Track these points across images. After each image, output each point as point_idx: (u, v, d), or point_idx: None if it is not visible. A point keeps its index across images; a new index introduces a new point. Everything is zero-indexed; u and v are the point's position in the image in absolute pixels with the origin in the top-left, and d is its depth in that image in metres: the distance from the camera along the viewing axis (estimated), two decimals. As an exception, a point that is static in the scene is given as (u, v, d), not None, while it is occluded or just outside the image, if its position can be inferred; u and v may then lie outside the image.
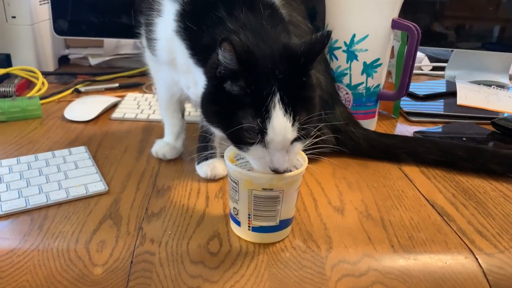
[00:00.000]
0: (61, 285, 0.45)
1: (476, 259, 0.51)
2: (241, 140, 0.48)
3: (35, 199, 0.57)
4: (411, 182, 0.69)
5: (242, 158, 0.55)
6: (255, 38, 0.49)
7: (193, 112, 0.87)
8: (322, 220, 0.57)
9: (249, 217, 0.51)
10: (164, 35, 0.60)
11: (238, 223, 0.52)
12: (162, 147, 0.71)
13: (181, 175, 0.67)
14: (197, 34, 0.54)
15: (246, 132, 0.46)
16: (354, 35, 0.77)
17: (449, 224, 0.58)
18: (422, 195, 0.65)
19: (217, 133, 0.52)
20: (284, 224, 0.52)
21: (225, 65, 0.46)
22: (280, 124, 0.46)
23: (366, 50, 0.77)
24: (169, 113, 0.72)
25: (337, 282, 0.48)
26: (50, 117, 0.87)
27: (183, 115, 0.73)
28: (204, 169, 0.66)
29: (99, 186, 0.61)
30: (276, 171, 0.48)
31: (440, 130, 0.90)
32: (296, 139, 0.48)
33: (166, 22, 0.58)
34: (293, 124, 0.46)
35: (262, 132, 0.46)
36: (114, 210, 0.57)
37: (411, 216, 0.59)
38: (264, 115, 0.45)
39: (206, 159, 0.67)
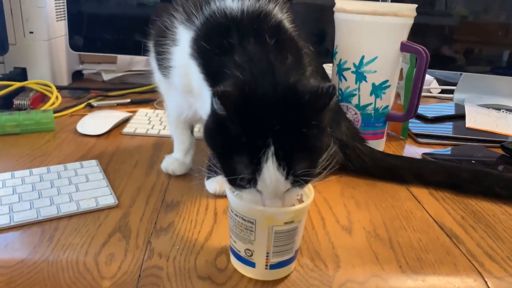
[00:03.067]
0: (69, 296, 0.46)
1: (486, 282, 0.51)
2: (235, 182, 0.46)
3: (46, 211, 0.57)
4: (419, 203, 0.69)
5: None
6: (259, 75, 0.46)
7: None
8: (330, 239, 0.57)
9: (267, 256, 0.48)
10: (180, 62, 0.60)
11: (251, 264, 0.48)
12: (172, 163, 0.72)
13: (190, 191, 0.67)
14: (209, 56, 0.53)
15: (239, 179, 0.45)
16: (363, 57, 0.78)
17: (458, 246, 0.57)
18: (431, 216, 0.65)
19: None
20: (296, 253, 0.50)
21: (220, 112, 0.44)
22: (272, 177, 0.44)
23: (375, 71, 0.79)
24: (179, 130, 0.73)
25: (345, 301, 0.48)
26: (63, 131, 0.89)
27: (192, 131, 0.74)
28: (213, 185, 0.66)
29: (109, 199, 0.62)
30: None
31: (449, 152, 0.90)
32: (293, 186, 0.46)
33: (182, 50, 0.58)
34: (286, 178, 0.44)
35: (252, 182, 0.45)
36: (123, 223, 0.58)
37: (419, 237, 0.59)
38: (255, 167, 0.44)
39: (216, 174, 0.67)
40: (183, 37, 0.59)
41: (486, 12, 1.18)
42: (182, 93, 0.64)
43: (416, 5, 0.79)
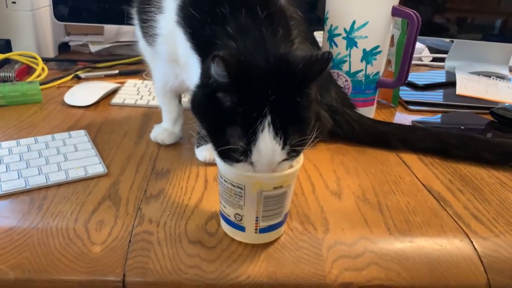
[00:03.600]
0: (60, 262, 0.46)
1: (471, 242, 0.52)
2: (227, 155, 0.46)
3: (34, 180, 0.57)
4: (409, 168, 0.69)
5: None
6: (252, 47, 0.47)
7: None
8: (319, 204, 0.58)
9: (256, 220, 0.48)
10: (166, 31, 0.59)
11: (241, 228, 0.49)
12: (161, 132, 0.72)
13: (180, 159, 0.67)
14: (198, 24, 0.52)
15: (231, 151, 0.44)
16: (354, 22, 0.77)
17: (445, 209, 0.58)
18: (419, 180, 0.65)
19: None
20: (285, 217, 0.51)
21: (217, 79, 0.43)
22: (267, 147, 0.44)
23: (366, 37, 0.78)
24: (166, 100, 0.72)
25: (333, 262, 0.48)
26: (50, 102, 0.88)
27: (180, 101, 0.73)
28: (203, 153, 0.66)
29: (98, 168, 0.61)
30: None
31: (439, 119, 0.90)
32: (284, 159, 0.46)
33: (167, 18, 0.57)
34: (283, 148, 0.44)
35: (246, 154, 0.44)
36: (113, 191, 0.57)
37: (407, 201, 0.60)
38: (251, 137, 0.43)
39: (206, 143, 0.67)
40: (169, 4, 0.57)
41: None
42: (168, 62, 0.63)
43: (407, -32, 0.78)
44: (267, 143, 0.43)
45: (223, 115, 0.45)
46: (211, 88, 0.45)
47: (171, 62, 0.62)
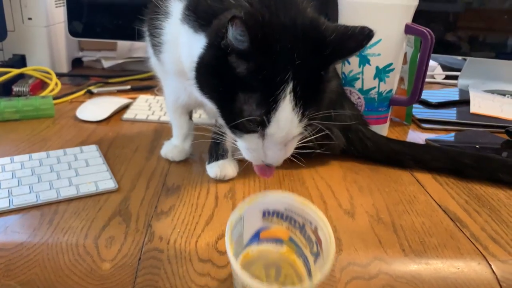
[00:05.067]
0: (69, 279, 0.45)
1: (490, 265, 0.50)
2: (237, 125, 0.42)
3: (45, 195, 0.57)
4: (423, 187, 0.68)
5: (240, 221, 0.44)
6: (275, 6, 0.41)
7: (203, 115, 0.87)
8: (332, 223, 0.57)
9: None
10: (171, 36, 0.57)
11: None
12: (171, 150, 0.71)
13: (191, 175, 0.67)
14: (204, 7, 0.49)
15: (246, 121, 0.41)
16: (367, 40, 0.77)
17: (461, 230, 0.57)
18: (434, 200, 0.64)
19: (209, 106, 0.47)
20: None
21: (235, 44, 0.39)
22: (287, 118, 0.40)
23: (379, 54, 0.77)
24: (177, 116, 0.72)
25: (347, 284, 0.47)
26: (63, 117, 0.88)
27: (190, 117, 0.73)
28: (214, 169, 0.66)
29: (109, 183, 0.61)
30: (268, 165, 0.45)
31: (453, 138, 0.88)
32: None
33: (173, 22, 0.56)
34: (300, 120, 0.41)
35: (264, 124, 0.41)
36: (123, 207, 0.57)
37: (422, 221, 0.58)
38: (271, 105, 0.39)
39: (217, 159, 0.67)
40: (175, 9, 0.56)
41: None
42: (176, 75, 0.62)
43: (420, -13, 0.77)
44: (288, 113, 0.40)
45: (237, 80, 0.41)
46: (223, 51, 0.40)
47: (179, 75, 0.61)
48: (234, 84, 0.41)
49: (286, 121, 0.41)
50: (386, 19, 0.76)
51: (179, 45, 0.55)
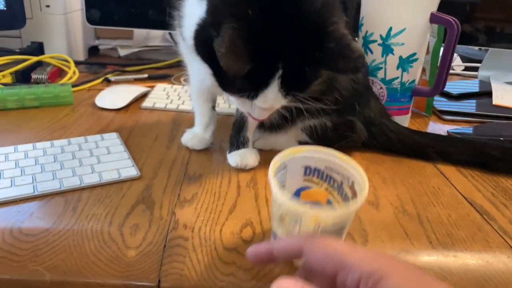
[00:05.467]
0: (95, 265, 0.45)
1: (520, 259, 0.49)
2: (230, 90, 0.49)
3: (69, 181, 0.57)
4: (448, 179, 0.67)
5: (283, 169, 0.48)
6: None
7: (223, 104, 0.86)
8: (356, 214, 0.56)
9: None
10: (190, 11, 0.56)
11: None
12: (192, 137, 0.71)
13: (212, 164, 0.66)
14: None
15: (237, 90, 0.48)
16: (390, 28, 0.75)
17: (489, 223, 0.56)
18: (460, 193, 0.63)
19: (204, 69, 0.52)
20: None
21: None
22: (272, 96, 0.48)
23: (403, 44, 0.76)
24: (200, 102, 0.71)
25: (374, 276, 0.46)
26: (82, 104, 0.88)
27: (213, 106, 0.72)
28: (235, 158, 0.65)
29: (131, 171, 0.61)
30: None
31: (475, 130, 0.87)
32: None
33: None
34: (284, 98, 0.48)
35: (253, 97, 0.48)
36: (146, 195, 0.57)
37: (448, 214, 0.57)
38: (261, 85, 0.47)
39: (238, 148, 0.66)
40: None
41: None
42: None
43: (447, -25, 0.75)
44: (273, 93, 0.47)
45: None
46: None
47: None
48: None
49: (271, 98, 0.48)
50: (410, 7, 0.74)
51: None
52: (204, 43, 0.48)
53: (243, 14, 0.43)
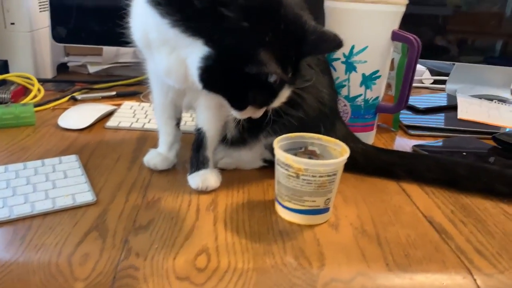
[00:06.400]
0: (40, 300, 0.43)
1: (475, 280, 0.49)
2: (241, 107, 0.55)
3: (19, 209, 0.55)
4: (409, 197, 0.67)
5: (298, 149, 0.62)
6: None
7: (189, 122, 0.86)
8: (315, 236, 0.55)
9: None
10: (136, 10, 0.58)
11: (327, 210, 0.58)
12: (154, 157, 0.70)
13: (173, 186, 0.65)
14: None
15: (259, 103, 0.55)
16: (353, 46, 0.76)
17: (447, 242, 0.56)
18: (420, 211, 0.63)
19: (214, 97, 0.56)
20: None
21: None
22: (286, 94, 0.56)
23: (365, 61, 0.76)
24: (163, 119, 0.70)
25: (329, 301, 0.46)
26: (44, 125, 0.86)
27: (178, 124, 0.71)
28: (195, 180, 0.64)
29: (87, 196, 0.59)
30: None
31: (440, 144, 0.88)
32: None
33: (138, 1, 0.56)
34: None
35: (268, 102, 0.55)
36: (101, 221, 0.55)
37: (408, 233, 0.57)
38: (276, 93, 0.54)
39: (199, 169, 0.65)
40: None
41: (480, 1, 1.15)
42: (145, 51, 0.61)
43: (407, -7, 0.77)
44: (284, 95, 0.56)
45: (249, 81, 0.51)
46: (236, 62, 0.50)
47: (148, 52, 0.60)
48: (246, 84, 0.52)
49: (284, 96, 0.56)
50: (372, 25, 0.75)
51: (148, 26, 0.55)
52: (221, 76, 0.52)
53: (265, 40, 0.50)
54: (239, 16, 0.48)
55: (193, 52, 0.51)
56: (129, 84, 1.15)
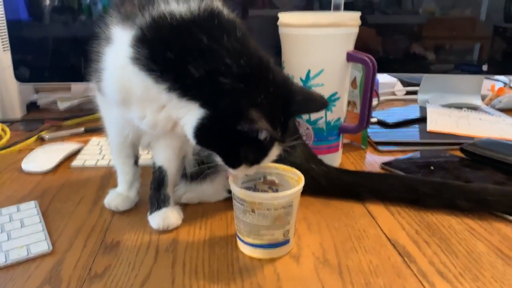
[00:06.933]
0: None
1: (435, 306, 0.48)
2: (234, 165, 0.55)
3: (-30, 266, 0.54)
4: (374, 219, 0.66)
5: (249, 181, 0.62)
6: (262, 73, 0.52)
7: (145, 155, 0.84)
8: (275, 270, 0.54)
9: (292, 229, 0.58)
10: (114, 63, 0.54)
11: (287, 242, 0.57)
12: (114, 198, 0.69)
13: (133, 228, 0.64)
14: (175, 63, 0.51)
15: (251, 161, 0.55)
16: (309, 71, 0.76)
17: (409, 266, 0.55)
18: (384, 233, 0.62)
19: (210, 155, 0.59)
20: None
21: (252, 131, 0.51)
22: (277, 152, 0.56)
23: (322, 85, 0.76)
24: (121, 159, 0.69)
25: None
26: (7, 169, 0.85)
27: (136, 162, 0.70)
28: (156, 220, 0.63)
29: (42, 246, 0.58)
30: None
31: (408, 158, 0.87)
32: None
33: (117, 49, 0.53)
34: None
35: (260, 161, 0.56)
36: (55, 273, 0.54)
37: (370, 259, 0.56)
38: (267, 152, 0.55)
39: (159, 208, 0.64)
40: (118, 35, 0.53)
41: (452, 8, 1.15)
42: (119, 104, 0.58)
43: (359, 13, 0.77)
44: (275, 153, 0.56)
45: (242, 139, 0.52)
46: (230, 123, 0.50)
47: (122, 104, 0.57)
48: (240, 141, 0.53)
49: (275, 154, 0.56)
50: (326, 49, 0.75)
51: (130, 82, 0.53)
52: (216, 134, 0.53)
53: (257, 101, 0.51)
54: (233, 82, 0.50)
55: (188, 114, 0.53)
56: (99, 118, 1.14)
